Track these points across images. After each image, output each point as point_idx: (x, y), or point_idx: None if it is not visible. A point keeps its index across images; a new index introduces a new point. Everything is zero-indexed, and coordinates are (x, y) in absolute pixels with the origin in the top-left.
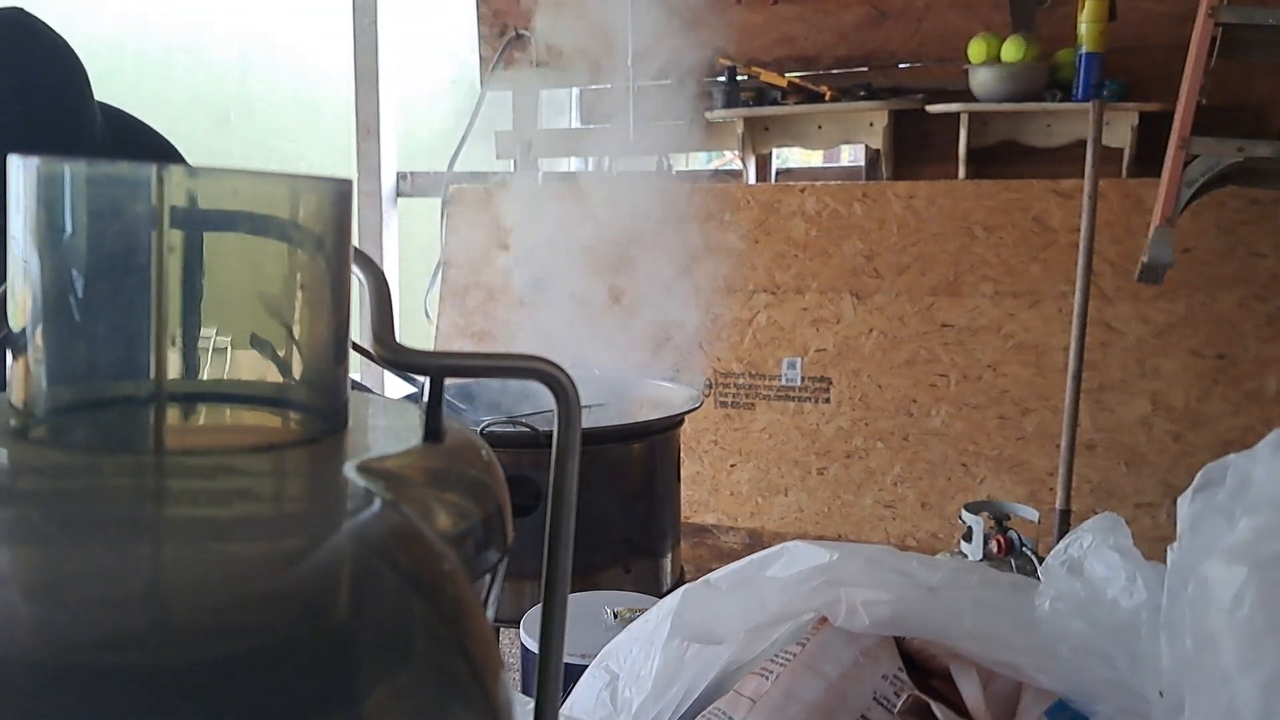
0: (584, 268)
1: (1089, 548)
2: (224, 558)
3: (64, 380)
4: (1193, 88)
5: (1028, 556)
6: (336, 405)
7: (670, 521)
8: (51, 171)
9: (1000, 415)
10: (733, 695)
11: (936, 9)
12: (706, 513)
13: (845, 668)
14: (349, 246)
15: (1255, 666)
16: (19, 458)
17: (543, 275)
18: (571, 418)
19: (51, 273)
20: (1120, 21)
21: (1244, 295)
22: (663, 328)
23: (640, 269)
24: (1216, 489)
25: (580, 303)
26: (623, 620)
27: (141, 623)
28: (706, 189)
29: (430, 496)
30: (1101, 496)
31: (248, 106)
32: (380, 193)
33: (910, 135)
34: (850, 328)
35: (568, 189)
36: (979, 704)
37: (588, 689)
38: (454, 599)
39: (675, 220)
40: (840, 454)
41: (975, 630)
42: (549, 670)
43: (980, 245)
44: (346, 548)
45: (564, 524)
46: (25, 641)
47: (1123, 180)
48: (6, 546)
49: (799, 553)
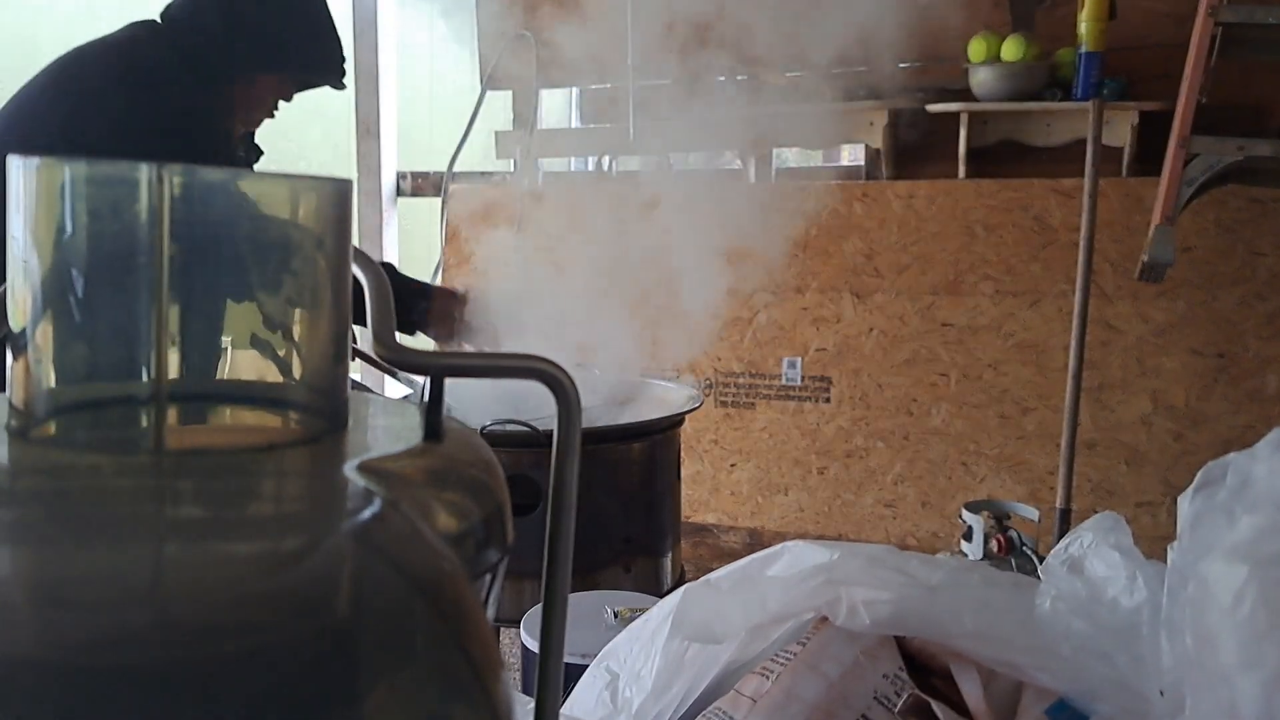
0: (585, 268)
1: (1089, 547)
2: (224, 557)
3: (64, 380)
4: (1193, 87)
5: (1028, 556)
6: (336, 405)
7: (670, 521)
8: (51, 172)
9: (1001, 414)
10: (733, 695)
11: (936, 9)
12: (707, 512)
13: (846, 667)
14: (349, 246)
15: (1256, 665)
16: (19, 458)
17: (542, 275)
18: (571, 418)
19: (51, 273)
20: (1120, 20)
21: (1244, 294)
22: (663, 328)
23: (640, 270)
24: (1217, 488)
25: (582, 303)
26: (623, 620)
27: (142, 622)
28: (707, 188)
29: (430, 496)
30: (1102, 495)
31: None
32: (380, 193)
33: (910, 135)
34: (850, 327)
35: (566, 189)
36: (979, 703)
37: (588, 689)
38: (454, 599)
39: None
40: (840, 453)
41: (976, 629)
42: (549, 670)
43: (980, 244)
44: (347, 547)
45: (564, 524)
46: (26, 641)
47: (1123, 179)
48: (7, 546)
49: (799, 552)
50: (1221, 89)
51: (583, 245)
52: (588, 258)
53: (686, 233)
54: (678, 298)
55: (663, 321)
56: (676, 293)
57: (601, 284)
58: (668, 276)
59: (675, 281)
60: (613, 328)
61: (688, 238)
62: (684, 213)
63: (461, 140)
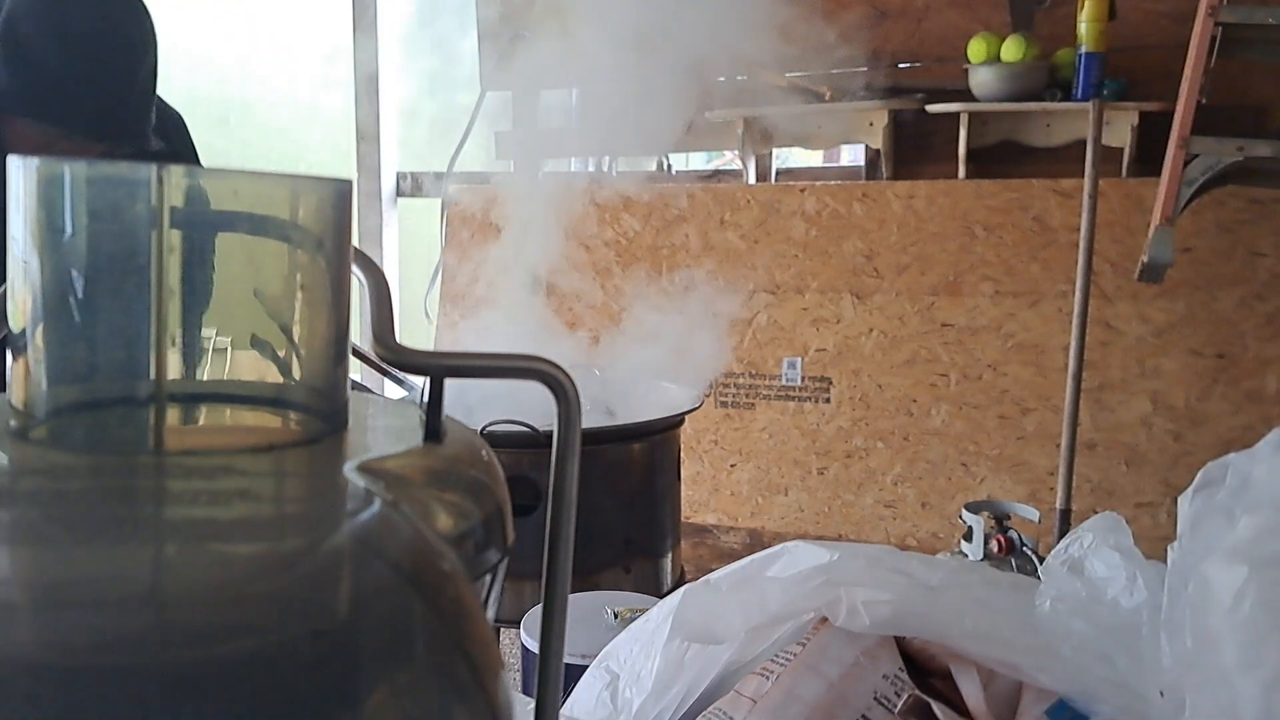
0: (581, 269)
1: (1089, 547)
2: (224, 558)
3: (64, 381)
4: (1193, 87)
5: (1028, 556)
6: (336, 405)
7: (670, 521)
8: (52, 172)
9: (1000, 415)
10: (733, 695)
11: (936, 9)
12: (707, 513)
13: (846, 668)
14: (349, 246)
15: (1256, 666)
16: (19, 458)
17: (541, 275)
18: (571, 418)
19: (51, 273)
20: (1120, 21)
21: (1244, 295)
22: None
23: (641, 268)
24: (1217, 488)
25: (580, 302)
26: (623, 620)
27: (142, 623)
28: (706, 189)
29: (430, 496)
30: (1102, 496)
31: (248, 106)
32: (380, 193)
33: (910, 135)
34: (850, 327)
35: (563, 188)
36: (979, 704)
37: (588, 689)
38: (454, 599)
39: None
40: (840, 454)
41: (976, 630)
42: (549, 670)
43: (980, 245)
44: (347, 548)
45: (564, 524)
46: (26, 642)
47: (1123, 180)
48: (7, 547)
49: (799, 553)
50: (1221, 89)
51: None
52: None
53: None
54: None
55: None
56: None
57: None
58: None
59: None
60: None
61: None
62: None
63: (461, 140)
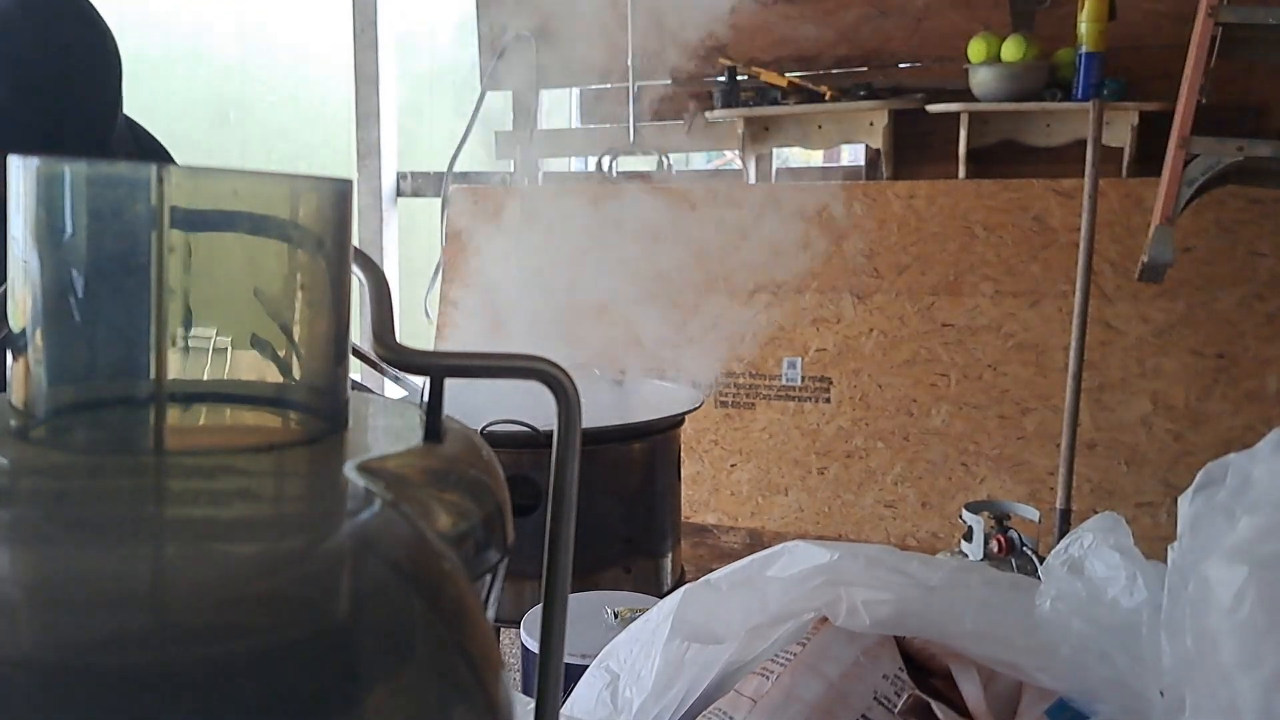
0: (584, 268)
1: (1089, 547)
2: (224, 558)
3: (64, 381)
4: (1193, 87)
5: (1028, 556)
6: (336, 405)
7: (670, 521)
8: (52, 172)
9: (1000, 415)
10: (733, 695)
11: (936, 9)
12: (707, 513)
13: (846, 667)
14: (349, 246)
15: (1256, 665)
16: (19, 458)
17: (541, 275)
18: (571, 418)
19: (51, 273)
20: (1120, 21)
21: (1244, 295)
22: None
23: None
24: (1217, 488)
25: (580, 303)
26: (623, 620)
27: (142, 623)
28: (705, 189)
29: (430, 496)
30: (1102, 496)
31: (248, 106)
32: (380, 193)
33: (910, 135)
34: (850, 327)
35: (561, 189)
36: (979, 704)
37: (588, 689)
38: (454, 599)
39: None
40: (840, 454)
41: (976, 630)
42: (549, 670)
43: (980, 245)
44: (346, 548)
45: (564, 524)
46: (25, 642)
47: (1123, 180)
48: (6, 547)
49: (799, 552)
50: (1221, 89)
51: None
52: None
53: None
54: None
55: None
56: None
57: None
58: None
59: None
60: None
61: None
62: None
63: (461, 140)
